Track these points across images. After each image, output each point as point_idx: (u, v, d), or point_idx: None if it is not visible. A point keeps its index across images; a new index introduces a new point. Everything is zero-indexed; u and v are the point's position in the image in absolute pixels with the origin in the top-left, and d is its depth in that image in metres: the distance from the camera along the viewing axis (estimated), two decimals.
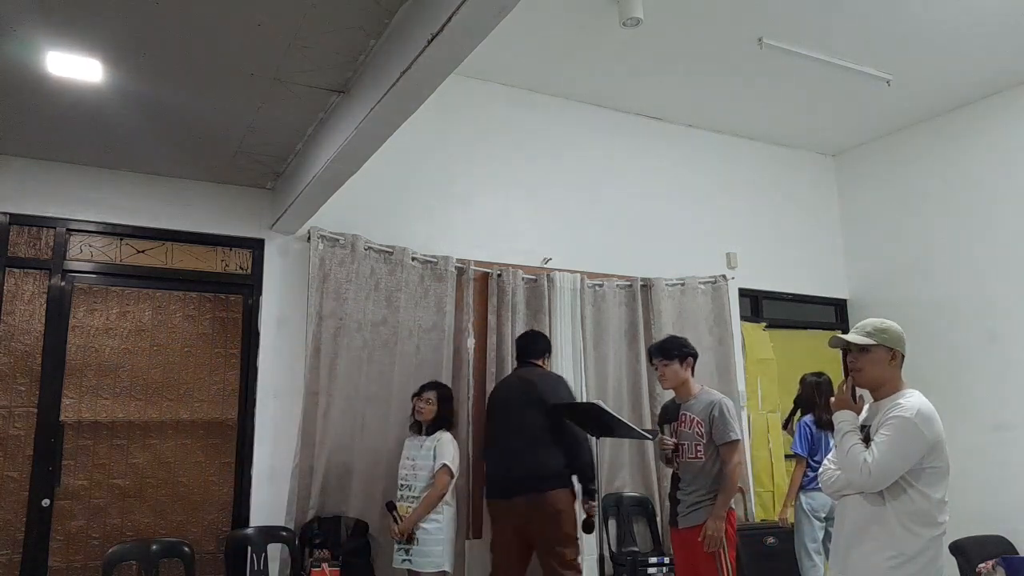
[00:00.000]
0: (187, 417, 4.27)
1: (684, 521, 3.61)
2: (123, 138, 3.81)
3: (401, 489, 3.97)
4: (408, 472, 3.97)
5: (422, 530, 3.83)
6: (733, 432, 3.57)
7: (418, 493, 3.88)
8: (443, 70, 2.69)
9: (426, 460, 3.92)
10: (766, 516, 5.52)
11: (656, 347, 3.86)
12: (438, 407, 4.03)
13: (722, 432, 3.57)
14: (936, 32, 4.75)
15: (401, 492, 3.96)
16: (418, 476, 3.92)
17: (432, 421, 4.02)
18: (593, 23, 4.51)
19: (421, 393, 4.09)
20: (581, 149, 5.54)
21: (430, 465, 3.90)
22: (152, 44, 2.93)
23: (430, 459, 3.91)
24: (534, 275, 5.04)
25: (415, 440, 4.05)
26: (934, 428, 2.43)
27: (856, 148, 6.63)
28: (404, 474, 3.98)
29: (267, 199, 4.54)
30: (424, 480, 3.89)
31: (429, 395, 4.05)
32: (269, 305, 4.44)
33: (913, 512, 2.40)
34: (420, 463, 3.93)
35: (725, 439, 3.56)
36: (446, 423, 4.06)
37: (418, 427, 4.08)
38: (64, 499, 3.95)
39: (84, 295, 4.15)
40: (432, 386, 4.12)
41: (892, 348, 2.57)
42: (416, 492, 3.89)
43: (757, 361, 5.91)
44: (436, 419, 4.02)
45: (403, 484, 3.97)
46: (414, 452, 3.99)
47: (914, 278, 6.03)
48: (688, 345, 3.81)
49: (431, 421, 4.02)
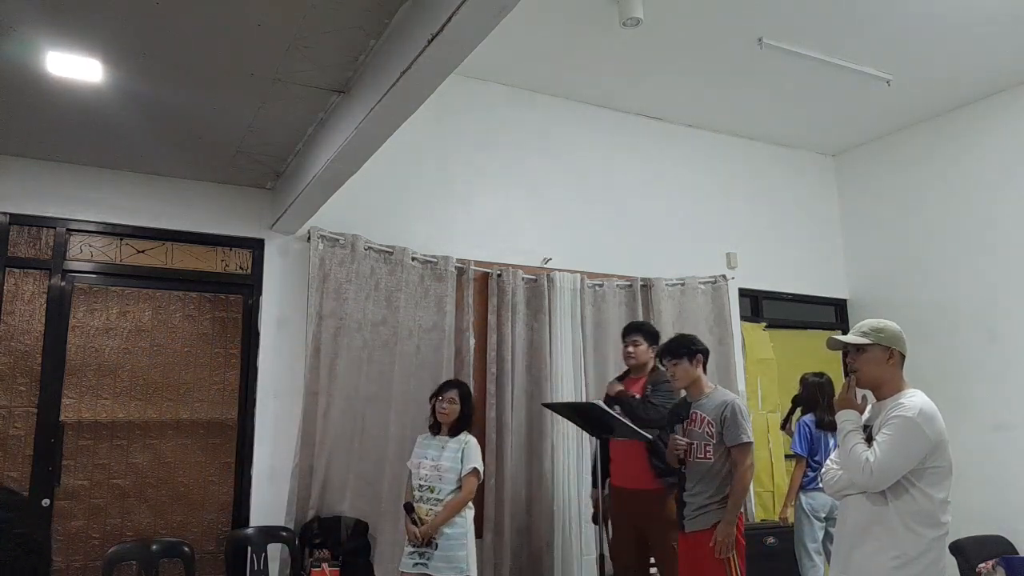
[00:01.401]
0: (187, 417, 4.26)
1: (691, 525, 3.51)
2: (123, 138, 3.81)
3: (421, 491, 3.76)
4: (430, 473, 3.75)
5: (444, 535, 3.65)
6: (745, 434, 3.47)
7: (443, 496, 3.69)
8: (443, 70, 2.69)
9: (453, 463, 3.73)
10: (766, 516, 5.52)
11: (664, 347, 3.77)
12: (461, 407, 3.84)
13: (734, 434, 3.47)
14: (936, 32, 4.75)
15: (421, 494, 3.75)
16: (443, 478, 3.72)
17: (456, 422, 3.83)
18: (593, 23, 4.51)
19: (443, 393, 3.88)
20: (581, 149, 5.54)
21: (457, 468, 3.71)
22: (152, 44, 2.93)
23: (457, 462, 3.72)
24: (534, 275, 5.04)
25: (435, 440, 3.85)
26: (936, 428, 2.42)
27: (856, 148, 6.63)
28: (425, 475, 3.77)
29: (267, 199, 4.54)
30: (451, 483, 3.71)
31: (451, 394, 3.85)
32: (269, 305, 4.44)
33: (916, 512, 2.39)
34: (446, 465, 3.73)
35: (737, 441, 3.46)
36: (468, 423, 3.87)
37: (438, 427, 3.88)
38: (64, 499, 3.95)
39: (84, 295, 4.15)
40: (453, 384, 3.93)
41: (889, 347, 2.57)
42: (441, 495, 3.70)
43: (757, 361, 5.91)
44: (460, 419, 3.83)
45: (424, 485, 3.76)
46: (435, 453, 3.79)
47: (914, 278, 6.03)
48: (697, 342, 3.71)
49: (455, 422, 3.83)
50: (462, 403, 3.86)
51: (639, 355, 4.12)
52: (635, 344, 4.14)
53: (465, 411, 3.86)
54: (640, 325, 4.30)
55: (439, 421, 3.87)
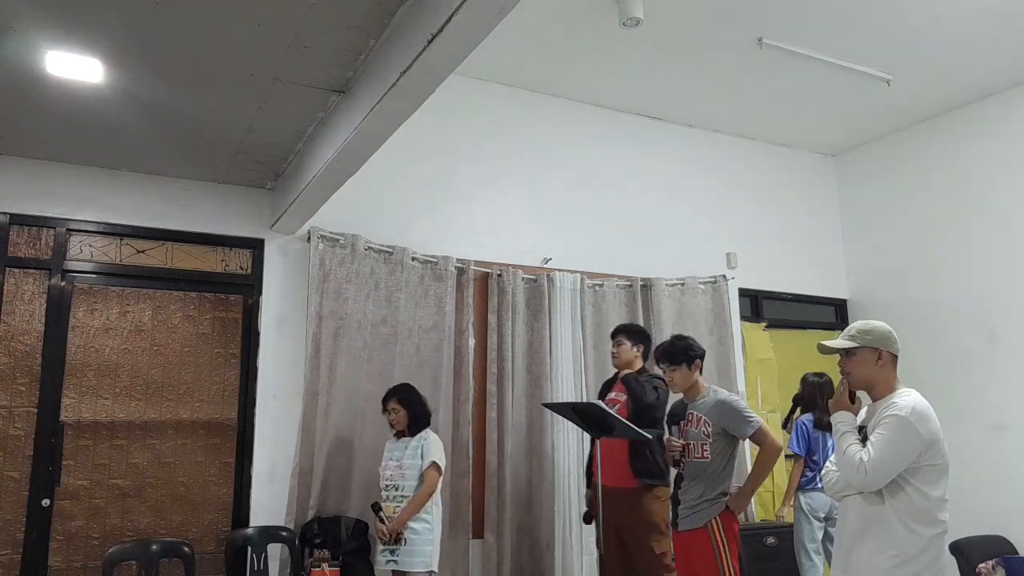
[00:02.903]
0: (187, 417, 4.27)
1: (684, 524, 3.55)
2: (123, 138, 3.81)
3: (386, 490, 3.90)
4: (394, 473, 3.90)
5: (410, 530, 3.78)
6: (750, 424, 3.47)
7: (407, 493, 3.82)
8: (443, 70, 2.69)
9: (413, 459, 3.86)
10: (766, 516, 5.52)
11: (661, 352, 3.73)
12: (406, 411, 3.94)
13: (742, 428, 3.48)
14: (936, 32, 4.75)
15: (387, 493, 3.89)
16: (406, 476, 3.85)
17: (409, 426, 3.95)
18: (593, 23, 4.51)
19: (384, 405, 4.00)
20: (581, 149, 5.54)
21: (418, 464, 3.84)
22: (152, 44, 2.94)
23: (417, 458, 3.85)
24: (534, 275, 5.04)
25: (398, 443, 3.98)
26: (929, 426, 2.43)
27: (856, 148, 6.63)
28: (389, 475, 3.92)
29: (267, 199, 4.54)
30: (413, 480, 3.83)
31: (392, 404, 3.96)
32: (269, 305, 4.44)
33: (913, 511, 2.40)
34: (407, 463, 3.87)
35: (747, 433, 3.48)
36: (424, 421, 3.98)
37: (399, 433, 4.01)
38: (64, 499, 3.95)
39: (84, 295, 4.15)
40: (391, 393, 4.01)
41: (878, 348, 2.57)
42: (405, 492, 3.83)
43: (757, 361, 5.91)
44: (412, 422, 3.95)
45: (388, 485, 3.90)
46: (398, 453, 3.93)
47: (914, 278, 6.03)
48: (695, 347, 3.70)
49: (407, 426, 3.95)
50: (405, 407, 3.96)
51: (621, 354, 4.18)
52: (618, 344, 4.21)
53: (413, 412, 3.95)
54: (623, 327, 4.33)
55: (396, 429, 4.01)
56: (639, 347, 4.18)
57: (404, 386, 4.08)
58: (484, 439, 4.65)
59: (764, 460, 3.50)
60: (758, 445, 3.54)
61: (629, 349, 4.16)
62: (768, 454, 3.49)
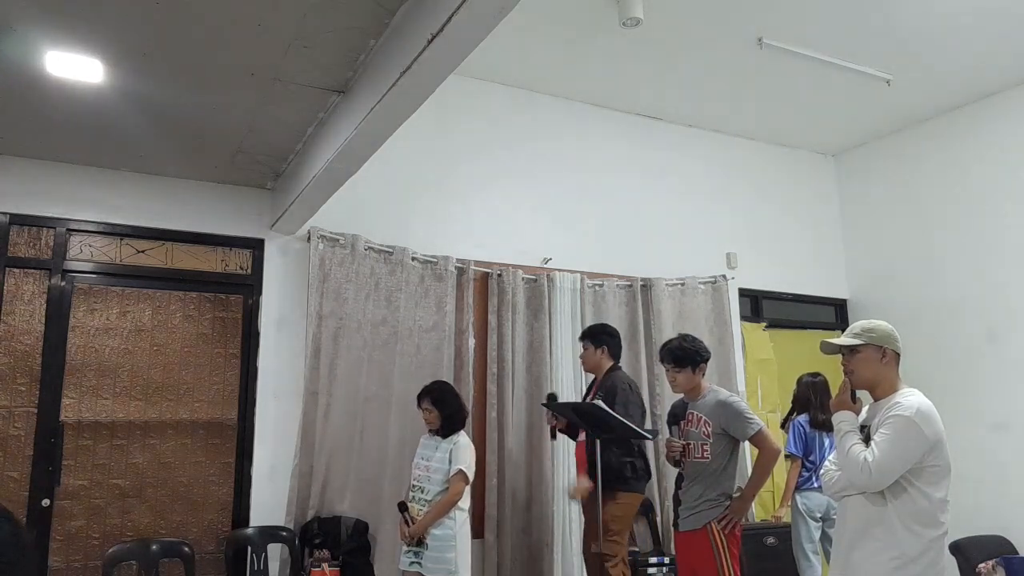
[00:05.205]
0: (187, 417, 4.26)
1: (684, 524, 3.54)
2: (123, 138, 3.81)
3: (413, 491, 3.83)
4: (421, 473, 3.82)
5: (432, 536, 3.69)
6: (752, 425, 3.45)
7: (430, 497, 3.74)
8: (443, 70, 2.69)
9: (441, 463, 3.77)
10: (766, 516, 5.52)
11: (667, 352, 3.66)
12: (439, 411, 3.86)
13: (743, 427, 3.45)
14: (936, 32, 4.75)
15: (413, 494, 3.82)
16: (432, 479, 3.76)
17: (442, 426, 3.86)
18: (593, 23, 4.51)
19: (419, 404, 3.92)
20: (581, 149, 5.54)
21: (445, 469, 3.75)
22: (152, 44, 2.93)
23: (445, 463, 3.76)
24: (534, 275, 5.04)
25: (431, 440, 3.89)
26: (934, 427, 2.42)
27: (856, 148, 6.63)
28: (417, 475, 3.84)
29: (267, 199, 4.54)
30: (438, 484, 3.74)
31: (425, 404, 3.89)
32: (269, 305, 4.44)
33: (915, 512, 2.39)
34: (435, 466, 3.78)
35: (749, 434, 3.45)
36: (458, 422, 3.88)
37: (435, 431, 3.92)
38: (64, 499, 3.95)
39: (84, 295, 4.15)
40: (425, 393, 3.92)
41: (882, 346, 2.56)
42: (428, 496, 3.74)
43: (757, 361, 5.91)
44: (445, 422, 3.86)
45: (415, 485, 3.82)
46: (429, 452, 3.85)
47: (914, 278, 6.03)
48: (701, 351, 3.63)
49: (441, 427, 3.86)
50: (438, 407, 3.87)
51: (586, 360, 4.26)
52: (583, 349, 4.27)
53: (446, 413, 3.87)
54: (584, 331, 4.38)
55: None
56: (602, 348, 4.19)
57: (438, 385, 3.98)
58: (484, 439, 4.65)
59: (763, 464, 3.48)
60: (757, 448, 3.53)
61: (593, 353, 4.21)
62: (767, 458, 3.47)
